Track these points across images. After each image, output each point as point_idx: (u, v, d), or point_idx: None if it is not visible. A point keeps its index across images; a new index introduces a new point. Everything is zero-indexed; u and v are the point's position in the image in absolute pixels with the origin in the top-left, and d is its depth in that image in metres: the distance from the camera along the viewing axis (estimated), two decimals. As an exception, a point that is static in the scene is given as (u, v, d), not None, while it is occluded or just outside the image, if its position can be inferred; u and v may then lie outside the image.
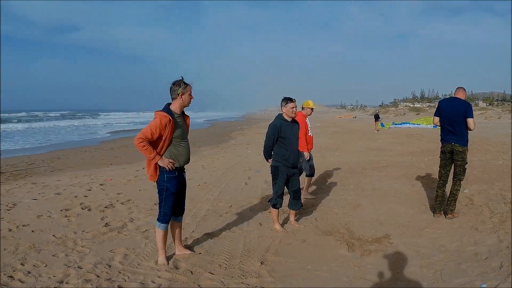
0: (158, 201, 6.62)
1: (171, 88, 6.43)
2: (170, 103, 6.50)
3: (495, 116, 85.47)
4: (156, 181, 6.57)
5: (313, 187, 12.38)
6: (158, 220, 6.70)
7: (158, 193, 6.66)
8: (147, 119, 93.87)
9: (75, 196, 11.45)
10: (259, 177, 14.42)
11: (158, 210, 6.72)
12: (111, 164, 19.78)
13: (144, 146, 6.17)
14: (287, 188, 8.64)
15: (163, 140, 6.33)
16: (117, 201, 10.94)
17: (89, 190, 12.44)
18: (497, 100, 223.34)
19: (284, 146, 8.25)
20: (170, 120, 6.30)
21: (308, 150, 10.90)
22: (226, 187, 12.83)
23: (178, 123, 6.49)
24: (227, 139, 35.34)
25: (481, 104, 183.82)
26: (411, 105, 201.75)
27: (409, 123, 55.79)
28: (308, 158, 10.85)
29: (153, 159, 6.32)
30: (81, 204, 10.56)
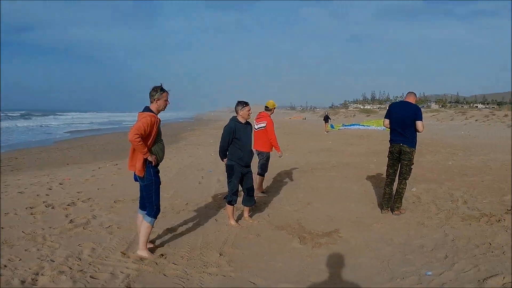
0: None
1: (150, 93, 7.06)
2: (148, 106, 7.11)
3: (447, 118, 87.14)
4: (143, 177, 7.08)
5: (265, 186, 12.91)
6: (151, 215, 7.22)
7: (146, 188, 7.19)
8: (104, 120, 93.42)
9: (37, 195, 11.78)
10: (212, 176, 14.90)
11: (148, 205, 7.24)
12: (67, 164, 20.07)
13: (140, 141, 6.70)
14: (241, 186, 9.32)
15: (151, 137, 6.92)
16: (78, 199, 11.33)
17: (50, 189, 12.77)
18: (450, 102, 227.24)
19: (239, 147, 8.95)
20: (157, 119, 6.98)
21: (270, 150, 11.93)
22: (181, 186, 13.32)
23: (159, 123, 7.13)
24: (178, 140, 35.68)
25: (434, 106, 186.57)
26: (362, 107, 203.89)
27: (359, 125, 56.87)
28: (276, 157, 11.99)
29: (145, 154, 6.85)
30: (44, 202, 10.89)
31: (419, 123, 9.75)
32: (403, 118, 9.86)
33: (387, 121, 10.26)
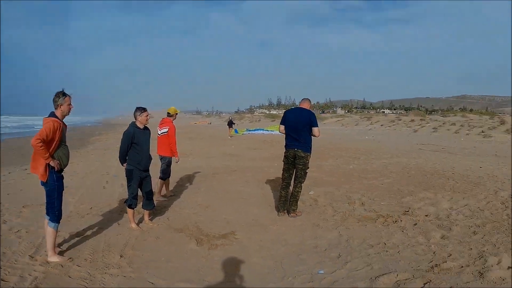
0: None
1: (53, 99, 7.13)
2: (54, 111, 7.16)
3: (352, 123, 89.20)
4: (46, 182, 7.15)
5: (166, 190, 13.04)
6: (53, 220, 7.31)
7: (49, 192, 7.27)
8: (17, 123, 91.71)
9: None
10: (117, 181, 15.04)
11: (50, 211, 7.32)
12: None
13: (41, 146, 6.76)
14: (141, 190, 9.55)
15: (54, 142, 6.99)
16: (-12, 205, 11.30)
17: (-38, 195, 12.61)
18: (356, 107, 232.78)
19: (137, 151, 9.18)
20: (60, 124, 7.05)
21: (172, 155, 12.23)
22: (86, 191, 13.36)
23: (63, 129, 7.19)
24: (86, 144, 35.19)
25: (340, 111, 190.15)
26: (267, 112, 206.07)
27: (263, 130, 57.58)
28: (174, 162, 12.31)
29: (46, 159, 6.91)
30: (-44, 208, 10.82)
31: (315, 129, 10.19)
32: (298, 124, 10.25)
33: (282, 127, 10.65)
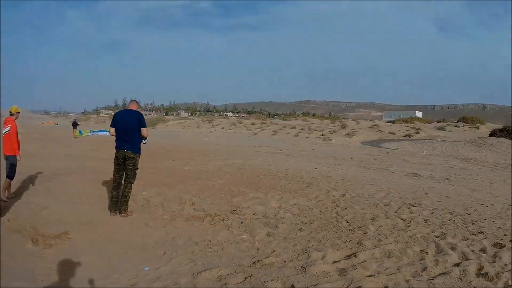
0: None
1: None
2: None
3: (193, 126, 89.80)
4: None
5: (7, 192, 12.85)
6: None
7: None
8: None
9: None
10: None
11: None
12: None
13: None
14: None
15: None
16: None
17: None
18: (199, 110, 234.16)
19: None
20: None
21: (15, 153, 12.10)
22: None
23: None
24: None
25: (183, 114, 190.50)
26: (113, 113, 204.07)
27: (106, 131, 57.06)
28: (17, 161, 12.22)
29: None
30: None
31: (143, 130, 10.65)
32: (128, 125, 10.59)
33: (112, 129, 10.85)
